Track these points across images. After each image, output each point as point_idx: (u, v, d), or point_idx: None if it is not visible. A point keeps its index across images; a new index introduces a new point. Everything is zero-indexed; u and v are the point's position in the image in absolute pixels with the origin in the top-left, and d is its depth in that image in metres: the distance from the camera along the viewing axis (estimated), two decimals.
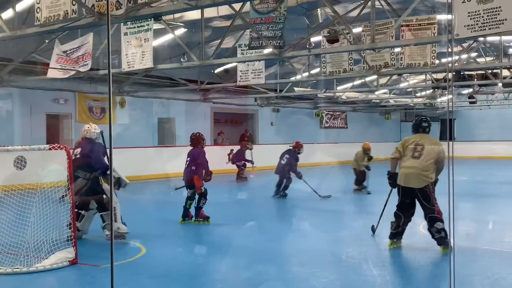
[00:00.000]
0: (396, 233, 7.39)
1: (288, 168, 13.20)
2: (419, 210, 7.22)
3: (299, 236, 8.88)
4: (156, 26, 10.82)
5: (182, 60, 11.78)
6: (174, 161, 14.85)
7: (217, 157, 21.31)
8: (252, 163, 17.82)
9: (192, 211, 9.49)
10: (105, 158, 7.83)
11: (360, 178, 14.25)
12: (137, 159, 15.83)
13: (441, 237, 6.96)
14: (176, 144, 19.34)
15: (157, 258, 7.03)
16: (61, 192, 6.99)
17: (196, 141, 9.89)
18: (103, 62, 13.36)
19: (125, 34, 10.62)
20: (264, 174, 20.01)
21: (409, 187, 7.11)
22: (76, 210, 7.56)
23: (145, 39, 10.35)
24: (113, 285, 2.62)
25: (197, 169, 9.49)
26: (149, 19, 9.83)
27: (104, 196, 7.84)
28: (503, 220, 10.49)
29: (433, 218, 6.96)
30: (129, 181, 7.91)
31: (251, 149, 18.32)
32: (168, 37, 12.74)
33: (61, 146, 6.85)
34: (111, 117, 2.73)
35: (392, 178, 7.43)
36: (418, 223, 9.12)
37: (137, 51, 10.49)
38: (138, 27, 10.41)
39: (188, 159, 9.64)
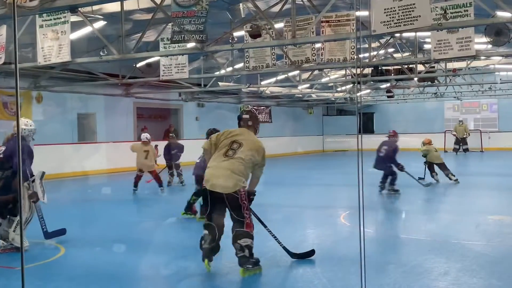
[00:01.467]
0: (212, 249, 5.95)
1: (389, 160, 12.65)
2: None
3: None
4: (74, 18, 10.47)
5: (101, 53, 11.44)
6: (93, 158, 14.47)
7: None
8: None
9: (197, 207, 9.34)
10: (29, 162, 7.22)
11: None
12: (54, 156, 15.27)
13: (244, 256, 5.82)
14: (97, 140, 18.83)
15: (76, 258, 6.82)
16: None
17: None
18: (18, 55, 12.77)
19: (41, 26, 10.21)
20: (189, 170, 19.88)
21: (216, 191, 5.80)
22: None
23: (62, 31, 9.99)
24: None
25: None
26: (65, 11, 9.49)
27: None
28: (418, 209, 10.98)
29: (239, 232, 5.84)
30: (45, 201, 7.34)
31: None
32: (86, 30, 12.34)
33: None
34: (18, 114, 2.61)
35: None
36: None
37: (53, 44, 10.11)
38: (54, 19, 10.03)
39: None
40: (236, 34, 12.40)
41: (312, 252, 6.65)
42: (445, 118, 31.78)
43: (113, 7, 11.59)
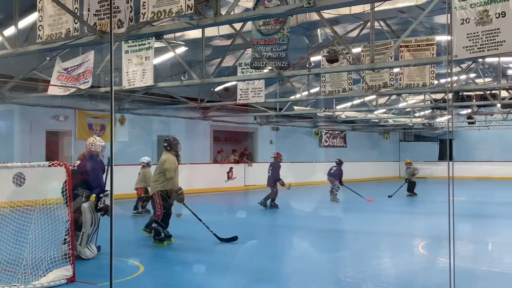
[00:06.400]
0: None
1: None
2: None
3: (299, 255, 8.85)
4: (157, 44, 10.90)
5: (182, 78, 11.83)
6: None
7: (217, 175, 21.38)
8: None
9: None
10: (104, 177, 7.79)
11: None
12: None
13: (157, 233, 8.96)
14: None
15: (155, 276, 6.99)
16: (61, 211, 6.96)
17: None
18: (104, 79, 13.41)
19: (126, 52, 10.70)
20: (262, 192, 19.96)
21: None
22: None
23: (146, 57, 10.43)
24: None
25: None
26: (150, 38, 9.91)
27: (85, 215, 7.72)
28: (502, 241, 10.46)
29: (153, 219, 9.16)
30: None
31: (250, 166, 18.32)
32: (169, 55, 12.83)
33: (61, 163, 6.85)
34: (112, 134, 2.75)
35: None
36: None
37: (138, 69, 10.56)
38: (139, 45, 10.50)
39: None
40: (313, 59, 12.47)
41: (235, 238, 9.26)
42: None
43: (195, 34, 11.98)
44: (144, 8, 7.22)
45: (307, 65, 10.95)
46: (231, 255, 8.63)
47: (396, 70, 12.52)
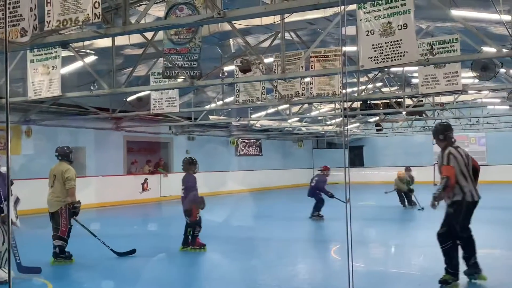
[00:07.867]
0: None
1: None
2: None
3: (211, 265, 8.81)
4: (66, 53, 10.54)
5: (92, 88, 11.49)
6: (83, 192, 14.40)
7: (131, 187, 20.90)
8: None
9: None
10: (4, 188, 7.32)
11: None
12: (43, 190, 15.17)
13: (55, 252, 8.61)
14: (86, 174, 18.72)
15: None
16: None
17: (186, 166, 9.83)
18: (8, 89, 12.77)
19: (32, 61, 10.27)
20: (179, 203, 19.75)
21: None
22: None
23: (52, 66, 10.06)
24: None
25: (193, 197, 9.52)
26: (56, 46, 9.57)
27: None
28: (409, 243, 10.94)
29: (56, 236, 8.60)
30: (19, 225, 7.32)
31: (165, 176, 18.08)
32: (78, 65, 12.42)
33: None
34: (8, 147, 2.62)
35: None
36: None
37: (44, 78, 10.16)
38: (45, 54, 10.10)
39: (183, 186, 9.68)
40: (227, 68, 12.56)
41: (133, 251, 9.02)
42: (434, 151, 31.89)
43: (104, 43, 11.69)
44: (49, 17, 6.96)
45: (220, 75, 10.99)
46: (141, 269, 8.44)
47: (307, 79, 12.84)
